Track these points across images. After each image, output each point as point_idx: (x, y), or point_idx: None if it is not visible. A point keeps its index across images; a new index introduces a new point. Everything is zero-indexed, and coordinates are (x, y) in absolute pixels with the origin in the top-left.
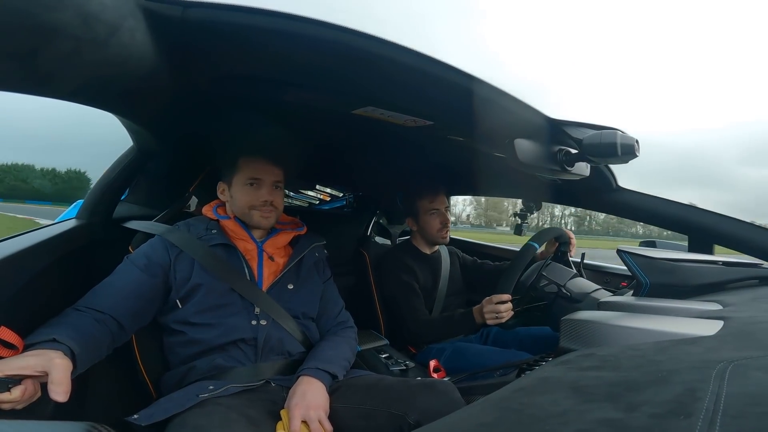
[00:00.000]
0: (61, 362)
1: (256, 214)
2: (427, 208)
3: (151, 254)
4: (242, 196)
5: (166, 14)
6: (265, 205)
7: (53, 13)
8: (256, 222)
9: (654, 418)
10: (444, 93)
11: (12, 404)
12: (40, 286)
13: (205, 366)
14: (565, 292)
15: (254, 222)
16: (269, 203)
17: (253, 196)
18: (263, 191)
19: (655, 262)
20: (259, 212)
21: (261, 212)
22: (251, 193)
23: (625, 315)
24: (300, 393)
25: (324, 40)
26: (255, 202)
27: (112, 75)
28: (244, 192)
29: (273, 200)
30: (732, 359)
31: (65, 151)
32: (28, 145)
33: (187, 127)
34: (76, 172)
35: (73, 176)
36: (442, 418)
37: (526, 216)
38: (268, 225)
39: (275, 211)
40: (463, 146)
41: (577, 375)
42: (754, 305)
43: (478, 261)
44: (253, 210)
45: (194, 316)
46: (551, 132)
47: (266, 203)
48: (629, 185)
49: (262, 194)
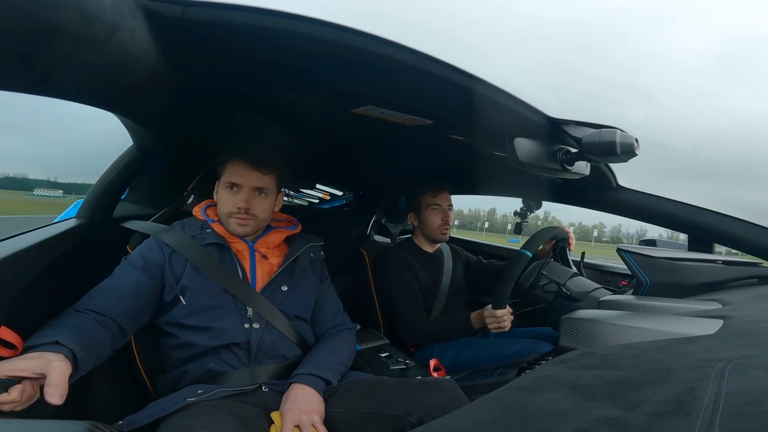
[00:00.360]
0: (59, 365)
1: (232, 221)
2: (429, 202)
3: (146, 255)
4: (222, 199)
5: (166, 14)
6: (239, 212)
7: (53, 13)
8: (232, 229)
9: (653, 417)
10: (444, 92)
11: (11, 405)
12: (40, 285)
13: (197, 370)
14: (564, 291)
15: (230, 228)
16: (244, 210)
17: (230, 202)
18: (240, 197)
19: (655, 261)
20: (235, 219)
21: (237, 219)
22: (229, 198)
23: (625, 314)
24: (292, 398)
25: (324, 39)
26: (231, 209)
27: (112, 75)
28: (224, 196)
29: (250, 208)
30: (731, 358)
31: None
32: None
33: (187, 127)
34: None
35: None
36: (441, 417)
37: (526, 215)
38: (244, 232)
39: (253, 219)
40: (463, 145)
41: (577, 374)
42: (754, 304)
43: (484, 261)
44: (230, 217)
45: (186, 318)
46: (551, 131)
47: (240, 210)
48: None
49: (237, 200)
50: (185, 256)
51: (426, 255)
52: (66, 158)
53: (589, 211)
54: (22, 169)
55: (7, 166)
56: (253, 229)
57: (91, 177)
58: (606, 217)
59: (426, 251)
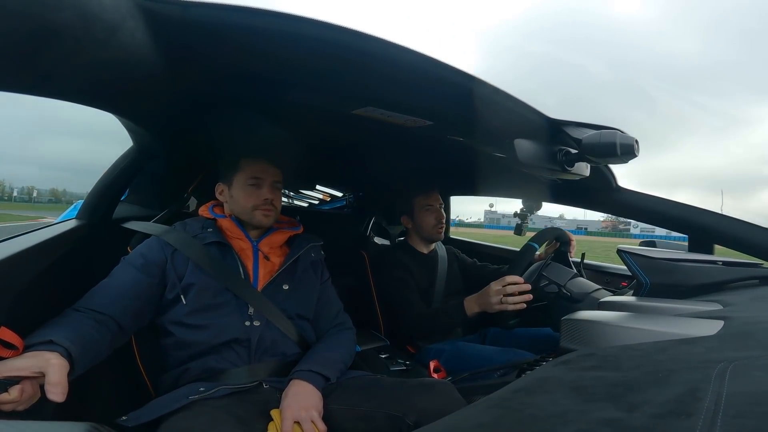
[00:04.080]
0: (57, 363)
1: (258, 213)
2: (422, 204)
3: (147, 254)
4: (244, 195)
5: (166, 14)
6: (266, 203)
7: (53, 14)
8: (258, 221)
9: (655, 418)
10: (444, 93)
11: (12, 405)
12: (40, 286)
13: (198, 368)
14: (565, 292)
15: (255, 221)
16: (270, 202)
17: (255, 196)
18: (264, 190)
19: (655, 262)
20: (261, 211)
21: (263, 211)
22: (253, 193)
23: (625, 315)
24: (291, 395)
25: (324, 40)
26: (257, 201)
27: (112, 75)
28: (246, 192)
29: (273, 199)
30: (732, 359)
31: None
32: None
33: (187, 128)
34: None
35: None
36: (441, 419)
37: (526, 216)
38: (269, 223)
39: (275, 210)
40: (463, 146)
41: (578, 375)
42: (755, 305)
43: (478, 263)
44: (255, 209)
45: (187, 317)
46: (551, 132)
47: (267, 202)
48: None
49: (263, 193)
50: (187, 255)
51: (421, 256)
52: None
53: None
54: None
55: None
56: (274, 220)
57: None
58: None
59: (421, 252)
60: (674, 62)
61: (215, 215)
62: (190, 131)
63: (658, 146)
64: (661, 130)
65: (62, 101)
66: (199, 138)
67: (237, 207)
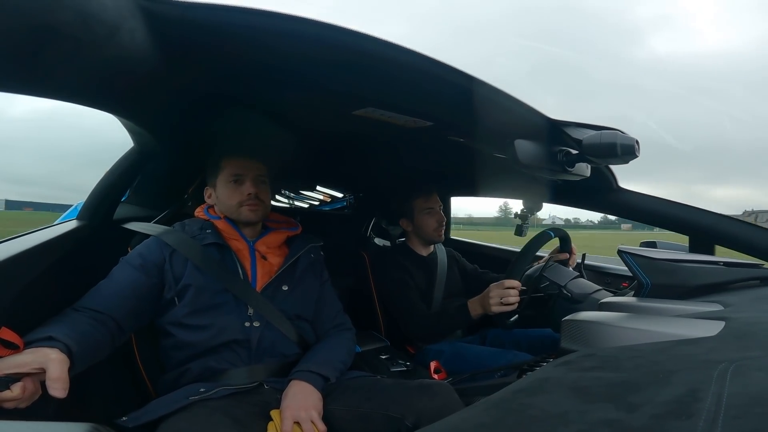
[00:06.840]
0: (57, 358)
1: (245, 209)
2: (422, 207)
3: (145, 254)
4: (227, 193)
5: (166, 14)
6: (250, 198)
7: (53, 14)
8: (245, 217)
9: (655, 419)
10: (444, 94)
11: (15, 402)
12: (41, 287)
13: (198, 368)
14: (565, 292)
15: (243, 218)
16: (255, 196)
17: (238, 192)
18: (246, 185)
19: (655, 263)
20: (247, 207)
21: (248, 207)
22: (236, 190)
23: (626, 316)
24: (291, 395)
25: (324, 41)
26: (241, 198)
27: (112, 75)
28: (229, 189)
29: (258, 193)
30: (733, 360)
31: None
32: None
33: (187, 128)
34: None
35: None
36: (441, 420)
37: (527, 217)
38: (257, 218)
39: (262, 204)
40: (464, 147)
41: (578, 376)
42: (755, 306)
43: (479, 270)
44: (241, 206)
45: (187, 318)
46: (551, 133)
47: (251, 196)
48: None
49: (246, 188)
50: (186, 256)
51: (420, 259)
52: None
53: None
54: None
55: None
56: (263, 215)
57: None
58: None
59: (420, 255)
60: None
61: (211, 217)
62: (190, 132)
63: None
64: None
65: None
66: (199, 138)
67: (224, 207)
